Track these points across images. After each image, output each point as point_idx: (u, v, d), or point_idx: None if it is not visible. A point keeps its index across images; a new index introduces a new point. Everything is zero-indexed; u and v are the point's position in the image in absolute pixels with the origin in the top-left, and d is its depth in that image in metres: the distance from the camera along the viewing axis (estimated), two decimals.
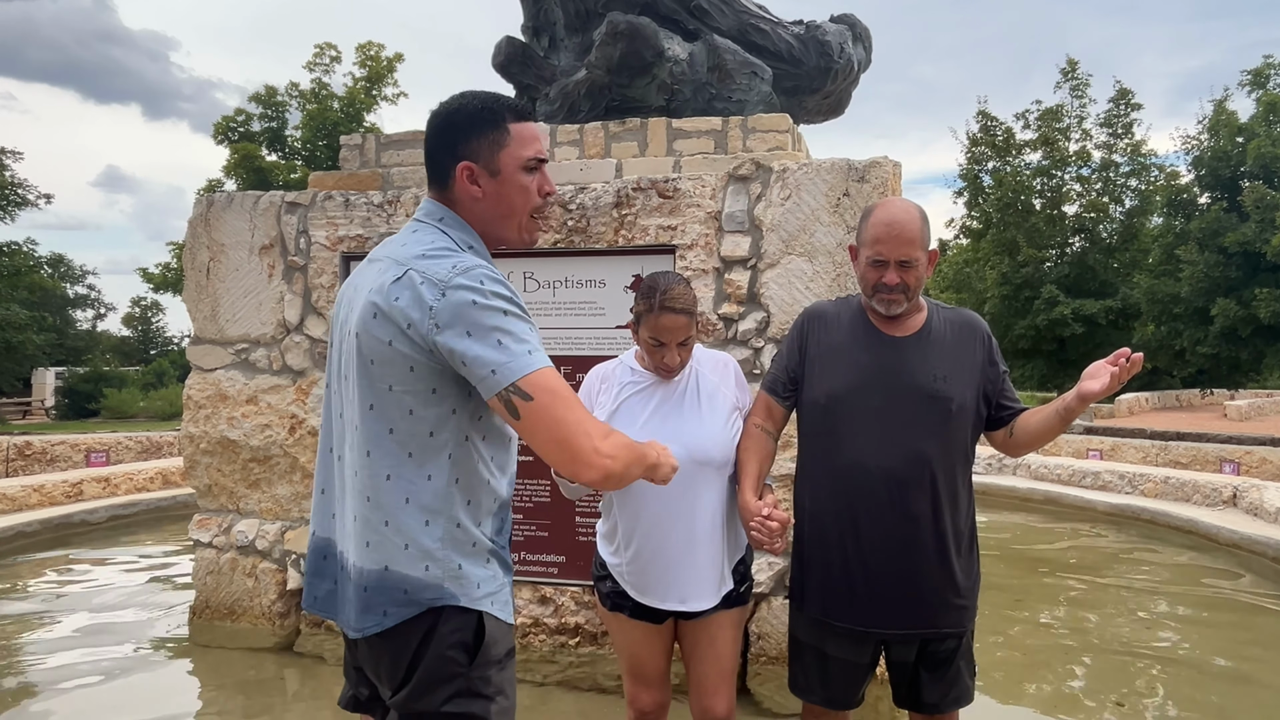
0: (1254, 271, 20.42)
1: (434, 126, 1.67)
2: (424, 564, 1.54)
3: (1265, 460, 10.31)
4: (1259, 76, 23.20)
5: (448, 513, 1.56)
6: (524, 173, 1.65)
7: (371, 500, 1.56)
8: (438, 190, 1.67)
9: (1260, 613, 5.16)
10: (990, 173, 26.03)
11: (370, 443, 1.57)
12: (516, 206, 1.66)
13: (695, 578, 2.30)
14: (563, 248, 3.79)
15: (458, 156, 1.63)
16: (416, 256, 1.55)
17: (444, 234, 1.62)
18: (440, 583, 1.54)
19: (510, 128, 1.63)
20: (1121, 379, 2.00)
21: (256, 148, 26.77)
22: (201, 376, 4.28)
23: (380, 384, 1.55)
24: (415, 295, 1.50)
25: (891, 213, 2.19)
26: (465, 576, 1.56)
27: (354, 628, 1.58)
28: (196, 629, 4.28)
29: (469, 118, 1.63)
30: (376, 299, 1.55)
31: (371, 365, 1.56)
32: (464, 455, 1.57)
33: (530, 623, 3.76)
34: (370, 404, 1.56)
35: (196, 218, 4.29)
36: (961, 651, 2.27)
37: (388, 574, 1.54)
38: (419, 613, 1.53)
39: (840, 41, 4.87)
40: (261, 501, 4.19)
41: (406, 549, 1.54)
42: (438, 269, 1.51)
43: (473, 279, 1.50)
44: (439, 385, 1.53)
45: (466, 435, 1.57)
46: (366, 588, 1.55)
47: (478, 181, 1.63)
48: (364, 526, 1.57)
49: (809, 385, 2.31)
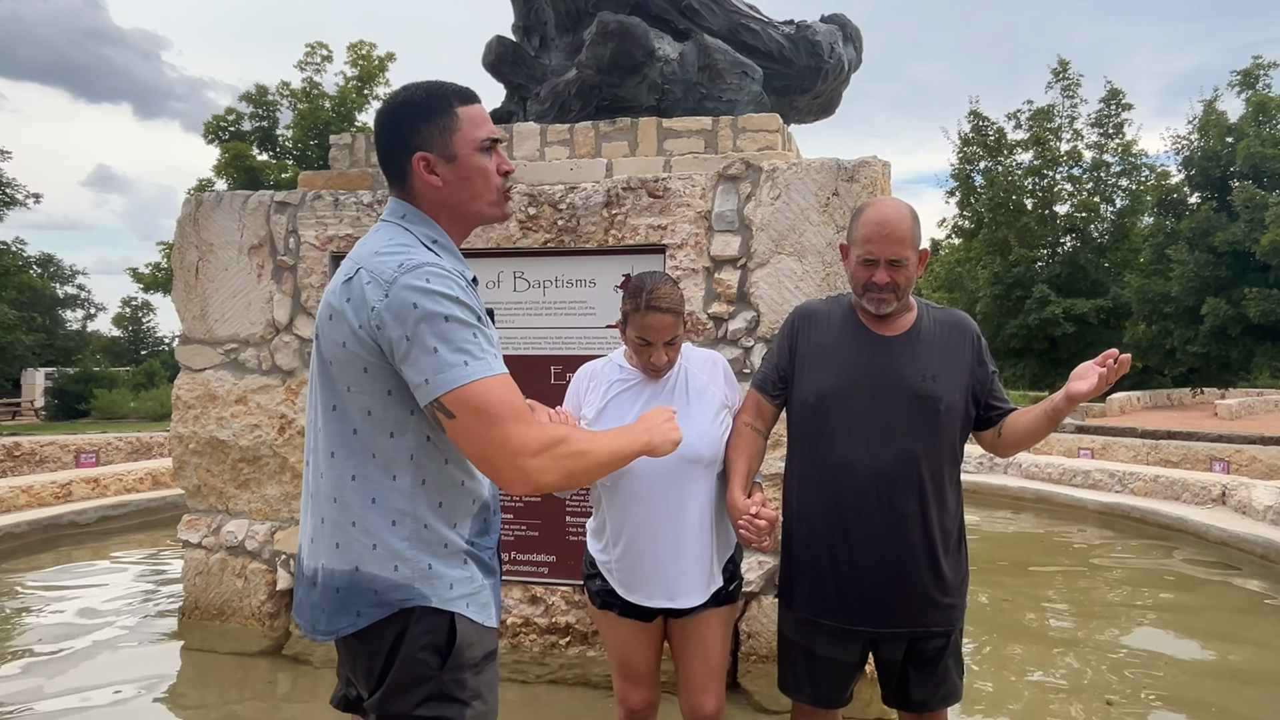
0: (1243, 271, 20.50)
1: (382, 122, 1.64)
2: (393, 564, 1.53)
3: (1255, 459, 10.37)
4: (1248, 77, 23.29)
5: (414, 513, 1.54)
6: (480, 154, 1.62)
7: (338, 501, 1.55)
8: (398, 187, 1.65)
9: (1249, 610, 5.18)
10: (982, 172, 26.11)
11: (334, 444, 1.56)
12: (479, 189, 1.64)
13: (684, 575, 2.30)
14: (553, 247, 3.79)
15: (411, 148, 1.61)
16: (370, 254, 1.54)
17: (406, 230, 1.60)
18: (410, 583, 1.53)
19: (458, 111, 1.61)
20: (1110, 380, 2.01)
21: (247, 147, 26.67)
22: (190, 377, 4.26)
23: (340, 385, 1.54)
24: (361, 296, 1.49)
25: (882, 212, 2.19)
26: (436, 577, 1.55)
27: (323, 630, 1.57)
28: (186, 630, 4.26)
29: (416, 108, 1.61)
30: (332, 300, 1.55)
31: (330, 366, 1.55)
32: (427, 456, 1.55)
33: (521, 622, 3.75)
34: (333, 405, 1.56)
35: (185, 217, 4.27)
36: (950, 650, 2.27)
37: (358, 574, 1.53)
38: (390, 614, 1.52)
39: (831, 41, 4.88)
40: (251, 502, 4.17)
41: (375, 549, 1.53)
42: (384, 267, 1.49)
43: (418, 278, 1.47)
44: (393, 387, 1.52)
45: (428, 436, 1.55)
46: (339, 589, 1.54)
47: (435, 170, 1.61)
48: (333, 528, 1.56)
49: (798, 384, 2.32)
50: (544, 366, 3.76)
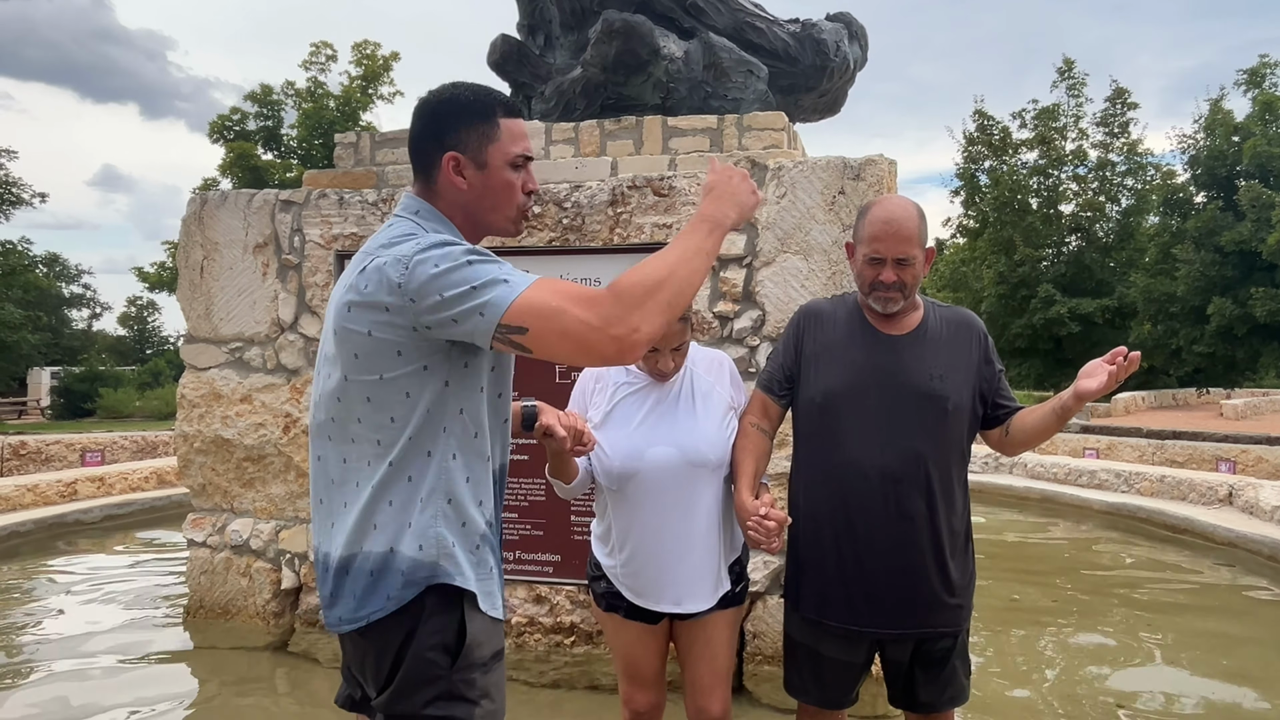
0: (1250, 270, 20.43)
1: (423, 113, 1.65)
2: (418, 542, 1.54)
3: (1261, 459, 10.32)
4: (1255, 76, 23.22)
5: (445, 489, 1.56)
6: (510, 169, 1.63)
7: (373, 486, 1.55)
8: (422, 182, 1.66)
9: (1257, 611, 5.16)
10: (987, 172, 26.05)
11: (375, 432, 1.56)
12: (501, 202, 1.65)
13: (691, 580, 2.28)
14: (558, 246, 3.78)
15: (444, 146, 1.61)
16: (382, 245, 1.55)
17: (418, 225, 1.60)
18: (436, 560, 1.54)
19: (501, 122, 1.62)
20: (1119, 378, 1.99)
21: (252, 147, 26.68)
22: (195, 375, 4.26)
23: (371, 375, 1.54)
24: (382, 278, 1.49)
25: (889, 210, 2.18)
26: (457, 558, 1.56)
27: (349, 619, 1.56)
28: (190, 628, 4.26)
29: (460, 108, 1.62)
30: (349, 296, 1.55)
31: (357, 359, 1.54)
32: (461, 429, 1.58)
33: (525, 622, 3.74)
34: (367, 397, 1.55)
35: (190, 216, 4.27)
36: (957, 651, 2.26)
37: (393, 556, 1.54)
38: (417, 594, 1.52)
39: (836, 40, 4.87)
40: (256, 500, 4.17)
41: (410, 528, 1.54)
42: (401, 250, 1.50)
43: (434, 249, 1.48)
44: (429, 361, 1.52)
45: (461, 409, 1.58)
46: (372, 571, 1.54)
47: (463, 173, 1.62)
48: (364, 515, 1.56)
49: (805, 384, 2.30)
50: (548, 365, 3.75)
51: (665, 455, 2.25)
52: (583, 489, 2.37)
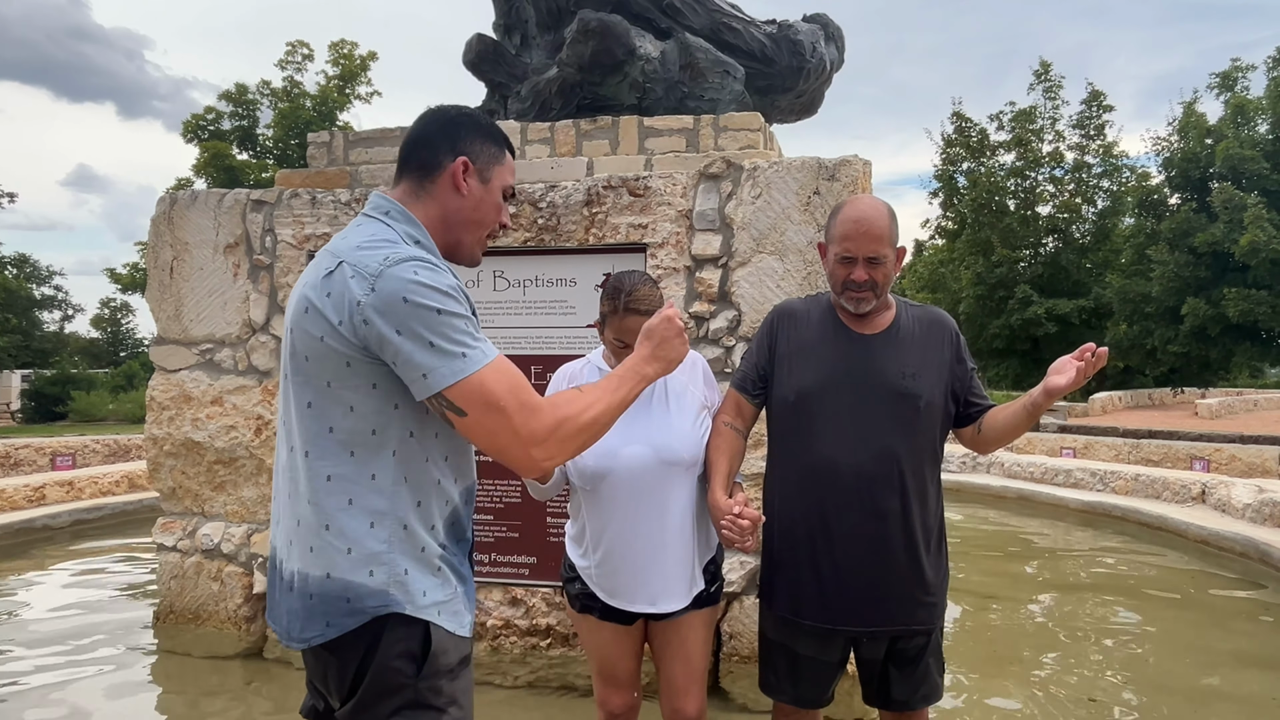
0: (1223, 271, 20.68)
1: (435, 119, 1.66)
2: (368, 569, 1.48)
3: (1234, 457, 10.46)
4: (1227, 79, 23.50)
5: (394, 514, 1.50)
6: (502, 196, 1.70)
7: (313, 503, 1.51)
8: (412, 182, 1.63)
9: (1227, 607, 5.21)
10: (965, 173, 26.21)
11: (310, 443, 1.51)
12: (486, 219, 1.68)
13: (665, 579, 2.27)
14: (533, 246, 3.76)
15: (458, 150, 1.62)
16: (352, 248, 1.51)
17: (388, 226, 1.57)
18: (385, 588, 1.48)
19: (505, 155, 1.71)
20: (1087, 373, 2.00)
21: (227, 146, 26.40)
22: (165, 377, 4.20)
23: (317, 380, 1.50)
24: (344, 290, 1.45)
25: (860, 209, 2.18)
26: (410, 583, 1.50)
27: (296, 638, 1.52)
28: (160, 634, 4.20)
29: (478, 126, 1.67)
30: (309, 294, 1.51)
31: (307, 362, 1.51)
32: (409, 453, 1.52)
33: (501, 624, 3.72)
34: (308, 402, 1.51)
35: (160, 216, 4.21)
36: (930, 649, 2.26)
37: (330, 581, 1.48)
38: (364, 623, 1.47)
39: (813, 41, 4.88)
40: (227, 504, 4.12)
41: (350, 553, 1.48)
42: (369, 260, 1.46)
43: (404, 271, 1.44)
44: (378, 380, 1.48)
45: (411, 432, 1.52)
46: (312, 595, 1.50)
47: (469, 179, 1.63)
48: (307, 531, 1.51)
49: (778, 383, 2.30)
50: (524, 366, 3.73)
51: (639, 454, 2.24)
52: (557, 490, 2.35)
